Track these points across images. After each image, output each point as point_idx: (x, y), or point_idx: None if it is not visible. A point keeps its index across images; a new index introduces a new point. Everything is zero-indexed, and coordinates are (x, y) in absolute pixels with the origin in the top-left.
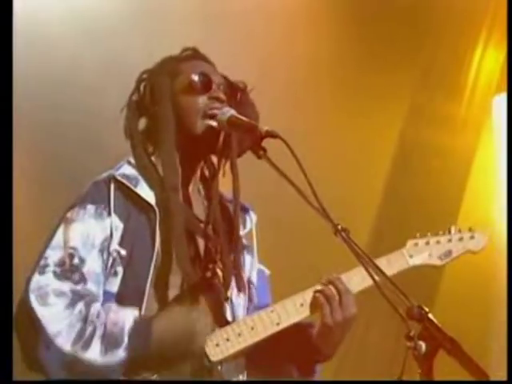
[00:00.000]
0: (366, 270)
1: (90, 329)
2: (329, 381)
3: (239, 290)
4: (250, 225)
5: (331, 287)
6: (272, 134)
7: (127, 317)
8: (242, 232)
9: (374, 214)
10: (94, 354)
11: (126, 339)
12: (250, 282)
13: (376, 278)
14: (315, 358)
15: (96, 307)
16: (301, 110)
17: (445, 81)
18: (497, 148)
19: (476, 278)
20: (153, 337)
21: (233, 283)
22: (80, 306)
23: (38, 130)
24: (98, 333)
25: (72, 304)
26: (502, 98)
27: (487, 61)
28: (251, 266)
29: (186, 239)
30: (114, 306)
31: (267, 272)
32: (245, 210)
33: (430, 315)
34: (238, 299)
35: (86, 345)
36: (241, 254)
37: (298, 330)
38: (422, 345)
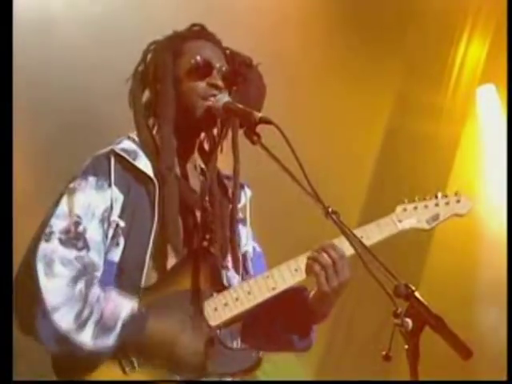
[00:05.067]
0: (355, 250)
1: (86, 312)
2: (328, 381)
3: (234, 263)
4: (244, 199)
5: (325, 254)
6: (266, 121)
7: (124, 308)
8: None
9: (362, 198)
10: (86, 337)
11: (118, 328)
12: (246, 253)
13: (365, 258)
14: (311, 320)
15: (96, 291)
16: (291, 96)
17: (430, 71)
18: (480, 137)
19: (460, 262)
20: (145, 333)
21: (228, 256)
22: (81, 284)
23: (37, 109)
24: (94, 318)
25: (74, 280)
26: (486, 88)
27: (471, 52)
28: (246, 239)
29: (181, 216)
30: (113, 293)
31: (259, 250)
32: (240, 186)
33: (417, 293)
34: (233, 270)
35: (80, 327)
36: (236, 229)
37: (293, 295)
38: (409, 322)
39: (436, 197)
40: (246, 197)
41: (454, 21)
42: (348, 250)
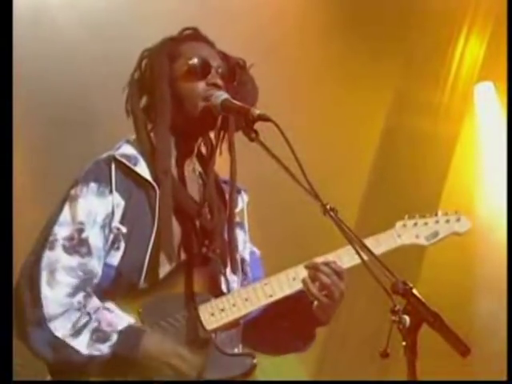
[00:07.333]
0: (354, 247)
1: (84, 320)
2: (326, 381)
3: (232, 266)
4: (241, 204)
5: (324, 267)
6: (264, 118)
7: (122, 321)
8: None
9: (360, 196)
10: (81, 344)
11: (114, 339)
12: (243, 258)
13: (363, 255)
14: (314, 325)
15: (96, 302)
16: (289, 94)
17: (429, 69)
18: (479, 134)
19: (459, 259)
20: (139, 348)
21: (227, 261)
22: (80, 296)
23: (35, 103)
24: (91, 326)
25: (74, 291)
26: (485, 85)
27: (469, 50)
28: (244, 243)
29: (175, 221)
30: (112, 305)
31: (258, 252)
32: (237, 191)
33: (414, 290)
34: (232, 275)
35: (76, 333)
36: (234, 231)
37: (296, 300)
38: (407, 319)
39: (436, 214)
40: (243, 202)
41: (452, 18)
42: (345, 263)
